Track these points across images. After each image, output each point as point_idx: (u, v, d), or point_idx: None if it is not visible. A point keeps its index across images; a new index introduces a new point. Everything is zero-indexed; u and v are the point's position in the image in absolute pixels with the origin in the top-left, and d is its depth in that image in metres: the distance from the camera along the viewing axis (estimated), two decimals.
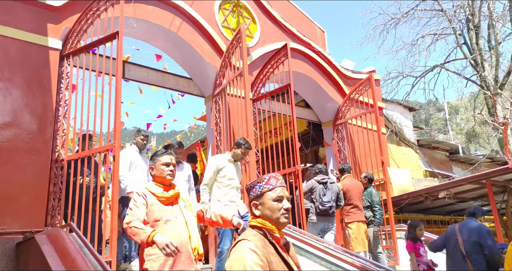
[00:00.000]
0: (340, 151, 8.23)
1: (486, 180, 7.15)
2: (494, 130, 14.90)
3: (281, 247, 1.88)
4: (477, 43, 15.64)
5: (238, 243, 1.80)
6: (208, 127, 6.98)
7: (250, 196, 1.95)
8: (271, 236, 1.85)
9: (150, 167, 2.93)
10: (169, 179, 2.89)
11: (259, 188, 1.92)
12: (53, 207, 4.64)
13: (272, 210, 1.86)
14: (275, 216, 1.86)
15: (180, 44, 6.58)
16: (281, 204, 1.88)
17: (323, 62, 8.25)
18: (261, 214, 1.88)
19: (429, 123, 36.18)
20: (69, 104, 4.99)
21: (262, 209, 1.89)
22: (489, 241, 4.39)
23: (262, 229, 1.86)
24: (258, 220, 1.88)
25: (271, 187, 1.90)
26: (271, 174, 1.98)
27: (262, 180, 1.93)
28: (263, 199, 1.89)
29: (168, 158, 2.93)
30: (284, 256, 1.84)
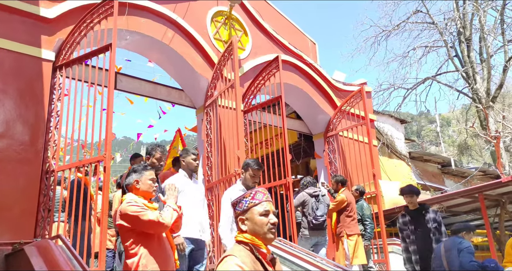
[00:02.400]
0: (331, 163, 8.26)
1: (479, 193, 7.15)
2: (487, 143, 15.03)
3: (268, 262, 1.87)
4: (469, 56, 15.85)
5: (224, 258, 1.79)
6: (199, 138, 7.00)
7: (236, 211, 1.94)
8: (257, 251, 1.84)
9: (136, 180, 2.95)
10: (154, 194, 2.98)
11: (246, 202, 1.91)
12: (42, 218, 4.62)
13: (259, 224, 1.86)
14: (262, 230, 1.86)
15: (172, 56, 6.64)
16: (268, 218, 1.88)
17: (314, 74, 8.33)
18: (248, 229, 1.88)
19: (421, 135, 36.39)
20: (60, 115, 5.00)
21: (249, 224, 1.88)
22: (464, 258, 4.29)
23: (248, 244, 1.85)
24: (245, 235, 1.87)
25: (257, 202, 1.90)
26: (257, 189, 1.98)
27: (248, 195, 1.94)
28: (249, 214, 1.89)
29: (153, 173, 3.04)
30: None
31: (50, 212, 4.58)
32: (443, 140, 30.89)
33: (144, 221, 2.69)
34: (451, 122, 33.95)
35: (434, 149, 25.72)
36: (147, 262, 2.67)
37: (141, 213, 2.71)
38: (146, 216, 2.69)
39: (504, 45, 15.74)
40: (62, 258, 3.11)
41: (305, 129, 9.00)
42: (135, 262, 2.67)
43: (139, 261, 2.67)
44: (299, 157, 9.74)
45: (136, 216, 2.71)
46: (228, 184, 5.58)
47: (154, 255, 2.73)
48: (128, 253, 2.74)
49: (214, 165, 6.15)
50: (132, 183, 2.95)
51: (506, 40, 15.69)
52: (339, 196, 6.15)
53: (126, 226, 2.74)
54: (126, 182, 3.00)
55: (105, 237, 4.07)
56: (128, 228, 2.74)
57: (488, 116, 14.10)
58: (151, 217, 2.69)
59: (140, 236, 2.74)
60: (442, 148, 20.98)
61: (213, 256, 5.55)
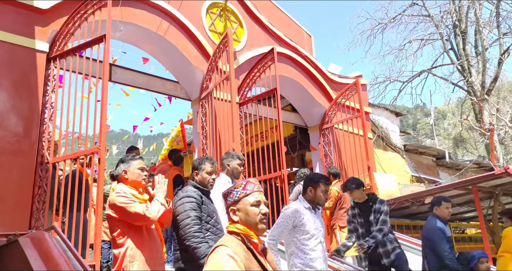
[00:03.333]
0: (327, 155, 8.29)
1: (473, 185, 7.21)
2: (481, 136, 15.11)
3: (259, 252, 1.88)
4: (464, 49, 15.86)
5: (216, 249, 1.79)
6: (195, 130, 7.00)
7: (227, 202, 1.95)
8: (249, 241, 1.85)
9: (124, 170, 2.94)
10: (143, 184, 2.96)
11: (236, 193, 1.92)
12: (37, 209, 4.62)
13: (250, 215, 1.87)
14: (253, 221, 1.87)
15: (167, 48, 6.60)
16: (259, 208, 1.89)
17: (309, 66, 8.32)
18: (240, 220, 1.89)
19: (416, 128, 36.53)
20: (55, 106, 4.98)
21: (240, 214, 1.89)
22: (433, 239, 4.22)
23: (240, 234, 1.86)
24: (236, 225, 1.88)
25: (248, 192, 1.91)
26: (248, 179, 1.99)
27: (239, 186, 1.94)
28: (240, 204, 1.90)
29: (142, 162, 3.02)
30: (262, 261, 1.84)
31: (45, 203, 4.59)
32: (439, 133, 31.04)
33: (131, 213, 2.69)
34: (446, 116, 34.08)
35: (430, 142, 25.83)
36: (134, 254, 2.68)
37: (128, 205, 2.71)
38: (133, 208, 2.69)
39: (500, 38, 15.76)
40: (57, 249, 3.13)
41: (301, 122, 9.01)
42: (121, 253, 2.68)
43: (126, 252, 2.68)
44: (295, 149, 9.76)
45: (123, 208, 2.71)
46: None
47: (141, 247, 2.73)
48: (116, 242, 2.75)
49: None
50: (120, 173, 2.94)
51: (501, 33, 15.71)
52: (332, 190, 6.18)
53: (114, 217, 2.75)
54: (115, 172, 3.00)
55: (100, 228, 4.09)
56: (116, 218, 2.74)
57: (483, 109, 14.16)
58: (137, 209, 2.69)
59: (128, 227, 2.74)
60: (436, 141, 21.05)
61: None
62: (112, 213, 2.75)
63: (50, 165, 4.69)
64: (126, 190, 2.84)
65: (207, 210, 3.06)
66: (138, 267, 2.65)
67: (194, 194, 3.04)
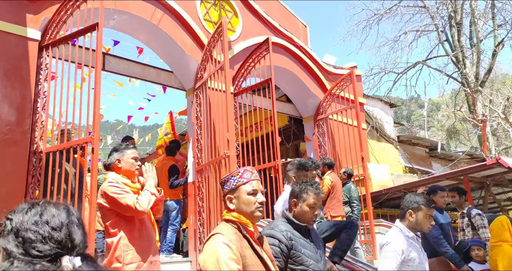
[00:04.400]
0: (321, 146, 8.32)
1: (464, 176, 7.30)
2: (474, 127, 15.23)
3: (255, 240, 1.90)
4: (459, 41, 15.88)
5: (211, 237, 1.81)
6: (189, 121, 6.97)
7: (224, 190, 1.95)
8: (245, 230, 1.87)
9: (117, 159, 2.93)
10: (136, 173, 2.96)
11: (234, 181, 1.93)
12: (31, 199, 4.60)
13: (247, 203, 1.88)
14: (250, 209, 1.88)
15: (161, 37, 6.54)
16: (256, 197, 1.90)
17: (305, 57, 8.29)
18: (236, 208, 1.90)
19: (410, 119, 36.70)
20: (48, 96, 4.93)
21: (236, 202, 1.90)
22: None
23: (236, 223, 1.87)
24: (232, 213, 1.90)
25: (245, 181, 1.91)
26: (245, 168, 1.99)
27: (237, 174, 1.94)
28: (237, 193, 1.90)
29: (136, 152, 3.01)
30: (258, 249, 1.86)
31: (39, 193, 4.57)
32: (432, 124, 31.20)
33: (122, 205, 2.67)
34: (440, 107, 34.23)
35: (423, 133, 26.00)
36: (128, 243, 2.68)
37: (120, 196, 2.68)
38: (124, 200, 2.67)
39: (494, 30, 15.80)
40: None
41: (295, 113, 9.01)
42: (114, 242, 2.67)
43: (120, 242, 2.67)
44: (289, 140, 9.78)
45: (114, 198, 2.69)
46: (218, 166, 5.60)
47: (134, 236, 2.73)
48: (109, 232, 2.74)
49: (204, 148, 6.16)
50: (113, 162, 2.93)
51: (496, 25, 15.74)
52: (325, 180, 6.24)
53: (106, 206, 2.74)
54: (108, 161, 2.98)
55: (94, 218, 4.08)
56: (107, 207, 2.74)
57: (476, 101, 14.25)
58: (128, 202, 2.66)
59: (120, 216, 2.74)
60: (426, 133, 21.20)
61: None
62: (103, 202, 2.74)
63: (44, 154, 4.66)
64: (118, 179, 2.83)
65: (299, 252, 2.37)
66: (133, 256, 2.65)
67: (280, 235, 2.37)
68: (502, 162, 6.33)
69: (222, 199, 2.01)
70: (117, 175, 2.88)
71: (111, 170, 2.94)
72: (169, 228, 6.13)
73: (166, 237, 6.07)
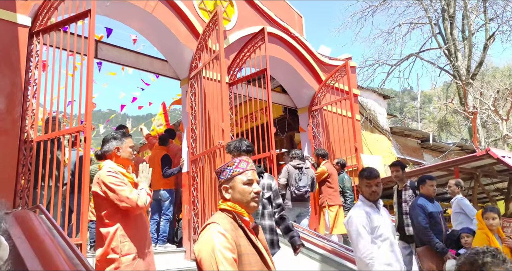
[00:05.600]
0: (315, 137, 8.33)
1: (455, 167, 7.40)
2: (465, 120, 15.38)
3: (250, 230, 1.89)
4: (451, 33, 15.95)
5: (207, 226, 1.80)
6: (184, 110, 6.91)
7: (220, 180, 1.94)
8: (240, 219, 1.86)
9: (116, 147, 2.87)
10: (132, 163, 2.95)
11: (230, 171, 1.91)
12: (22, 188, 4.54)
13: (242, 193, 1.87)
14: (245, 199, 1.87)
15: (155, 25, 6.43)
16: (251, 187, 1.89)
17: (300, 47, 8.24)
18: (231, 198, 1.89)
19: (403, 111, 36.95)
20: (38, 83, 4.83)
21: (232, 192, 1.89)
22: (413, 215, 4.55)
23: (231, 212, 1.87)
24: (228, 203, 1.89)
25: (241, 170, 1.90)
26: (241, 157, 1.98)
27: (233, 164, 1.93)
28: (233, 183, 1.89)
29: (132, 141, 2.98)
30: (253, 239, 1.86)
31: (30, 182, 4.51)
32: (424, 116, 31.43)
33: (121, 196, 2.62)
34: (432, 100, 34.45)
35: (416, 125, 26.19)
36: (124, 233, 2.64)
37: (119, 188, 2.63)
38: (124, 192, 2.62)
39: (486, 23, 15.88)
40: (42, 228, 3.08)
41: (290, 103, 8.99)
42: (111, 232, 2.63)
43: (116, 232, 2.63)
44: (284, 131, 9.78)
45: (113, 189, 2.63)
46: (212, 156, 5.57)
47: (130, 227, 2.69)
48: (103, 222, 2.68)
49: (198, 137, 6.12)
50: (112, 150, 2.86)
51: (487, 19, 15.81)
52: (320, 168, 6.32)
53: (101, 195, 2.68)
54: (105, 148, 2.90)
55: (86, 207, 4.04)
56: (102, 197, 2.68)
57: (467, 93, 14.36)
58: (129, 195, 2.62)
59: (116, 207, 2.67)
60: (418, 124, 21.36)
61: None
62: (99, 191, 2.68)
63: (34, 143, 4.59)
64: (115, 168, 2.77)
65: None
66: (129, 247, 2.62)
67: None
68: (492, 153, 6.41)
69: (216, 189, 1.99)
70: (113, 163, 2.82)
71: (107, 157, 2.88)
72: (162, 218, 6.11)
73: (160, 227, 6.07)
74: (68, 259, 2.60)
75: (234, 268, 1.69)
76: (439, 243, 4.31)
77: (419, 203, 4.53)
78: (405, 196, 5.06)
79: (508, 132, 12.90)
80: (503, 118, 12.20)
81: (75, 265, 2.52)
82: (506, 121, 12.51)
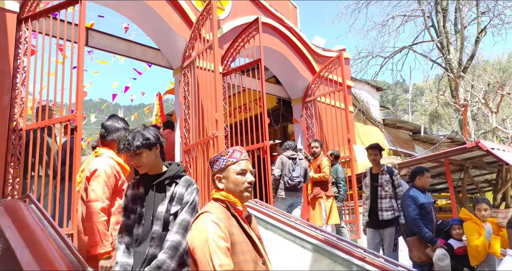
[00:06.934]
0: (309, 128, 8.33)
1: (445, 158, 7.46)
2: (456, 112, 15.50)
3: (243, 219, 1.90)
4: (444, 26, 16.00)
5: (200, 215, 1.81)
6: (177, 100, 6.85)
7: (213, 169, 1.94)
8: (233, 208, 1.87)
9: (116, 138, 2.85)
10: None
11: (223, 161, 1.91)
12: (11, 177, 4.48)
13: (236, 183, 1.88)
14: (238, 189, 1.88)
15: (148, 13, 6.32)
16: (245, 177, 1.89)
17: (294, 38, 8.19)
18: (225, 187, 1.89)
19: (395, 103, 37.15)
20: (27, 71, 4.73)
21: (225, 182, 1.89)
22: (404, 205, 4.61)
23: (224, 201, 1.87)
24: (221, 193, 1.89)
25: (235, 160, 1.90)
26: (235, 147, 1.98)
27: (226, 153, 1.93)
28: (227, 172, 1.89)
29: None
30: (246, 228, 1.87)
31: (20, 171, 4.44)
32: (416, 108, 31.63)
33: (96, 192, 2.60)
34: (424, 92, 34.67)
35: (408, 117, 26.38)
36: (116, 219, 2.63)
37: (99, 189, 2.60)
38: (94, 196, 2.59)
39: (478, 16, 15.94)
40: (32, 218, 3.04)
41: (284, 94, 8.96)
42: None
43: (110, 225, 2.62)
44: (278, 122, 9.78)
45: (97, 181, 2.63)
46: (206, 147, 5.54)
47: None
48: None
49: (191, 128, 6.07)
50: (115, 139, 2.80)
51: (479, 12, 15.86)
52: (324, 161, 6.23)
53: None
54: (112, 135, 2.82)
55: (77, 197, 3.99)
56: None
57: (458, 86, 14.46)
58: (94, 203, 2.57)
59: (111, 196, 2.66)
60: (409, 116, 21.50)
61: None
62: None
63: (24, 131, 4.51)
64: (116, 158, 2.77)
65: None
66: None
67: None
68: (481, 145, 6.46)
69: (210, 179, 1.98)
70: (112, 153, 2.79)
71: (108, 145, 2.82)
72: None
73: None
74: (59, 249, 2.57)
75: (227, 256, 1.70)
76: (429, 233, 4.38)
77: (411, 194, 4.57)
78: (382, 180, 5.07)
79: (498, 125, 13.02)
80: (493, 111, 12.31)
81: (66, 255, 2.49)
82: (496, 114, 12.61)
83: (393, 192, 5.04)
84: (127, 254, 2.17)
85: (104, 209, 2.55)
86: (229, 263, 1.69)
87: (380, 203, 4.95)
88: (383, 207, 4.90)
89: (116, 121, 2.93)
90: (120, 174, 2.74)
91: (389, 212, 4.90)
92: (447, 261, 4.11)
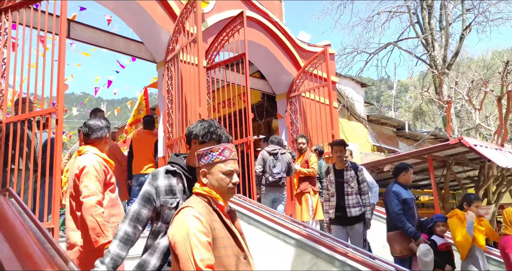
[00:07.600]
0: (293, 123, 8.36)
1: (428, 154, 7.58)
2: (439, 109, 15.72)
3: (225, 214, 1.90)
4: (429, 23, 16.17)
5: (181, 210, 1.81)
6: (160, 94, 6.79)
7: (200, 162, 1.91)
8: (215, 203, 1.87)
9: (106, 136, 2.92)
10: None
11: (212, 156, 1.89)
12: None
13: (220, 182, 1.87)
14: (222, 189, 1.87)
15: (131, 5, 6.23)
16: (230, 178, 1.89)
17: (279, 33, 8.17)
18: (209, 183, 1.88)
19: (379, 100, 37.51)
20: (7, 63, 4.62)
21: (210, 178, 1.88)
22: (387, 201, 4.65)
23: (206, 196, 1.87)
24: (204, 188, 1.89)
25: (223, 159, 1.88)
26: (226, 144, 1.95)
27: (216, 150, 1.90)
28: (213, 169, 1.88)
29: None
30: (228, 223, 1.87)
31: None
32: (400, 105, 32.00)
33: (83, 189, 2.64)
34: (408, 89, 35.06)
35: (392, 113, 26.67)
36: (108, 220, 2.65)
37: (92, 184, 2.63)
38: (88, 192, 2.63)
39: (463, 13, 16.16)
40: (11, 211, 3.01)
41: (268, 89, 8.96)
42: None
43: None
44: (262, 117, 9.77)
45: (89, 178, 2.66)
46: None
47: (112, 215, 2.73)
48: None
49: (175, 122, 6.04)
50: (103, 138, 2.88)
51: (464, 9, 16.09)
52: (311, 157, 6.31)
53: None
54: (96, 134, 2.88)
55: (58, 191, 3.94)
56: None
57: (443, 83, 14.66)
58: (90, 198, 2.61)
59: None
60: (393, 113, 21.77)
61: None
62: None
63: (4, 124, 4.42)
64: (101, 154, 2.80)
65: None
66: (112, 232, 2.62)
67: None
68: (464, 141, 6.59)
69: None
70: (98, 150, 2.83)
71: (93, 143, 2.86)
72: None
73: None
74: (39, 242, 2.54)
75: (208, 251, 1.70)
76: (412, 227, 4.43)
77: (394, 189, 4.62)
78: (347, 176, 5.03)
79: (481, 122, 13.28)
80: (476, 108, 12.54)
81: (46, 249, 2.47)
82: (479, 111, 12.85)
83: (357, 188, 5.02)
84: (122, 245, 2.06)
85: (100, 202, 2.61)
86: (210, 257, 1.69)
87: (347, 200, 4.90)
88: (350, 204, 4.87)
89: (99, 120, 2.98)
90: (108, 169, 2.78)
91: (356, 208, 4.87)
92: (431, 256, 4.17)
